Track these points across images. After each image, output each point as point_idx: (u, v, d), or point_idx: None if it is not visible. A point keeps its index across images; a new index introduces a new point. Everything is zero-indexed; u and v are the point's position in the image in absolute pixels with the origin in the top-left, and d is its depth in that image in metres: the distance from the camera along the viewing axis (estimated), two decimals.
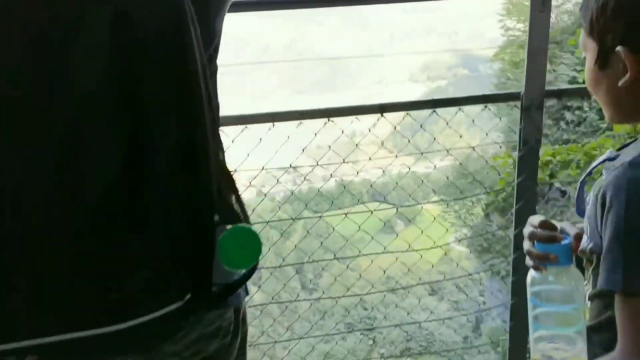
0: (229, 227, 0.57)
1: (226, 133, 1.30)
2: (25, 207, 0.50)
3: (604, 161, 0.73)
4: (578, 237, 0.75)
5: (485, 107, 1.78)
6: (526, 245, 0.76)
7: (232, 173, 0.63)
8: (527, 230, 0.78)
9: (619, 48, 0.66)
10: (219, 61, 0.69)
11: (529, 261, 0.75)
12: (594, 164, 0.78)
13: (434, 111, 1.85)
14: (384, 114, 1.63)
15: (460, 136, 2.26)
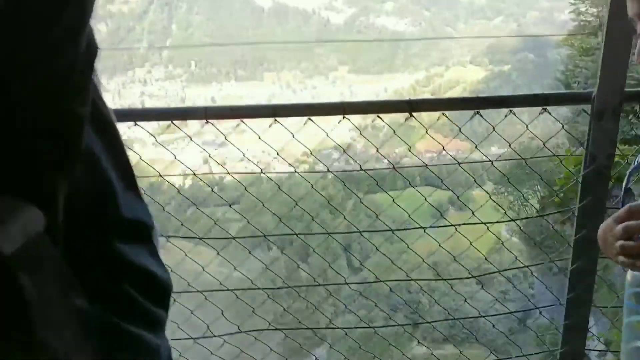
0: None
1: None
2: None
3: None
4: None
5: (544, 110, 1.42)
6: (620, 241, 0.68)
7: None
8: (611, 224, 0.71)
9: None
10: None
11: (624, 259, 0.68)
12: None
13: (478, 112, 1.49)
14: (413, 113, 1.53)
15: (527, 126, 1.86)
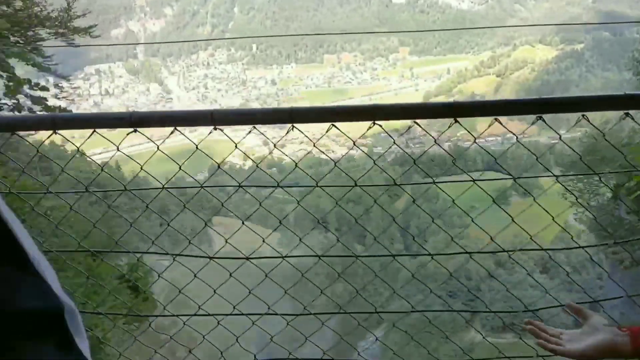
0: None
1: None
2: None
3: None
4: None
5: (627, 115, 1.21)
6: None
7: None
8: None
9: None
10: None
11: None
12: None
13: (541, 118, 1.29)
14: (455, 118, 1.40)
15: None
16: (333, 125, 1.36)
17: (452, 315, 50.37)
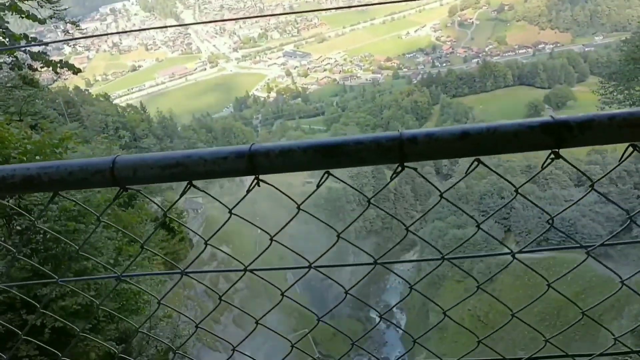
0: None
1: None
2: None
3: None
4: None
5: None
6: None
7: None
8: None
9: None
10: None
11: None
12: None
13: None
14: None
15: None
16: None
17: (485, 235, 50.83)
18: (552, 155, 1.18)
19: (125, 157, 1.22)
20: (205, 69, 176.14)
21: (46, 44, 12.47)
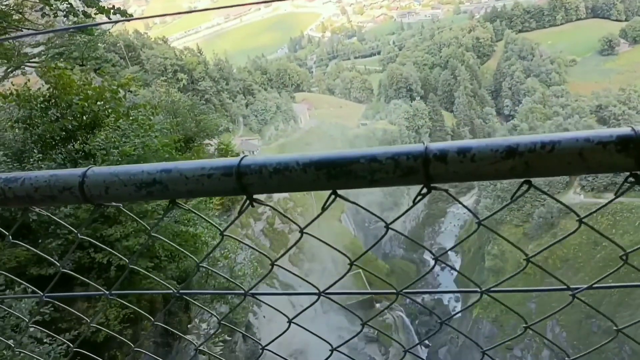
0: None
1: None
2: None
3: None
4: None
5: None
6: None
7: None
8: None
9: None
10: None
11: None
12: None
13: None
14: None
15: None
16: None
17: (549, 177, 49.09)
18: (632, 179, 0.89)
19: (97, 171, 1.07)
20: (260, 9, 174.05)
21: None
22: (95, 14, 10.65)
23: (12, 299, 5.76)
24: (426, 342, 51.00)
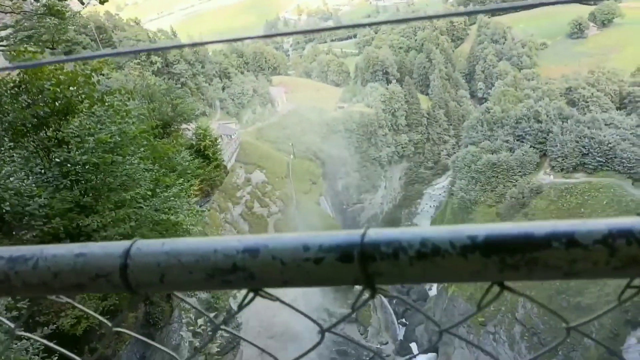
0: None
1: None
2: None
3: None
4: None
5: None
6: None
7: None
8: None
9: None
10: None
11: None
12: None
13: None
14: None
15: None
16: None
17: (520, 159, 49.95)
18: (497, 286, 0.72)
19: (146, 248, 0.75)
20: None
21: None
22: None
23: None
24: (403, 320, 51.93)
